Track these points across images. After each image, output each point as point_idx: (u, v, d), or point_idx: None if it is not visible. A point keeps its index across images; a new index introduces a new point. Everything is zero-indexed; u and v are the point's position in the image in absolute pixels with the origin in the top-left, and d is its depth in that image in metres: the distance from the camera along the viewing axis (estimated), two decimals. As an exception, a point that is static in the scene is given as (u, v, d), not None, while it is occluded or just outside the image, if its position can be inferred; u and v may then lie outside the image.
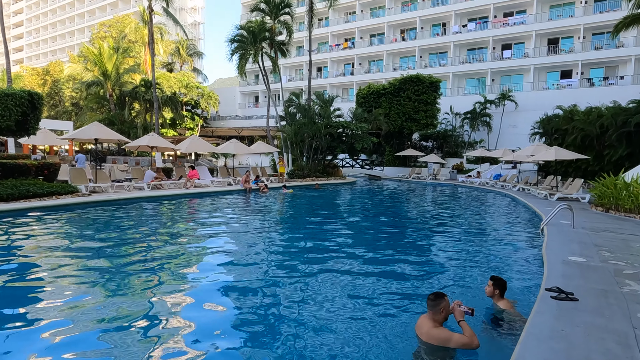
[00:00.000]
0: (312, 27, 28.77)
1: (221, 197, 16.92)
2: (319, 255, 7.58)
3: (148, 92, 31.82)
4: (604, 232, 9.07)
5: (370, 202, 17.68)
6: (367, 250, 7.97)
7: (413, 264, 6.92)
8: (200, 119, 51.80)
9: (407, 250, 8.18)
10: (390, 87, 34.52)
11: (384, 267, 6.71)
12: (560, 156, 17.03)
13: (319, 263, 6.86)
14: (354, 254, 7.58)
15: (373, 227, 11.07)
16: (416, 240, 9.38)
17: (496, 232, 10.37)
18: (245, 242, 8.50)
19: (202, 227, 10.18)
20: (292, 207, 14.84)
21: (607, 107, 23.46)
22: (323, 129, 24.69)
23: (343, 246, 8.33)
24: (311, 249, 8.09)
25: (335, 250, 7.94)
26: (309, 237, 9.42)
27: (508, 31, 40.88)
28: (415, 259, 7.35)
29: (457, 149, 39.37)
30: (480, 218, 12.78)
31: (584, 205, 15.04)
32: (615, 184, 12.49)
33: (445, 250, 8.27)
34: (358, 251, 7.88)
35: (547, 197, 16.94)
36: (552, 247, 7.17)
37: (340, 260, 7.04)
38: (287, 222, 11.41)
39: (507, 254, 7.78)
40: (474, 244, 8.76)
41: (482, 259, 7.39)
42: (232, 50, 26.60)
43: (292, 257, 7.36)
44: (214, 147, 20.10)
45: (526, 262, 7.11)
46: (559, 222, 10.31)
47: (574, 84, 38.00)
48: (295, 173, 24.88)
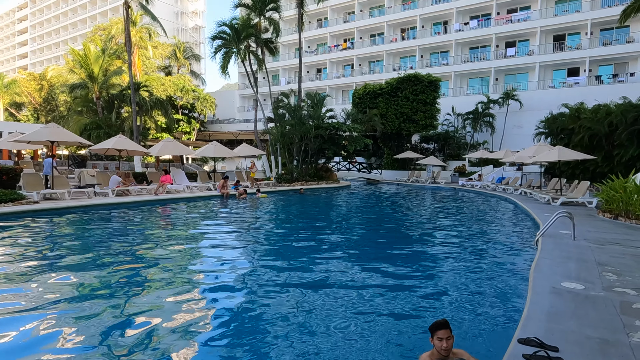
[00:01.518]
0: (302, 24, 27.52)
1: (193, 203, 15.63)
2: (273, 272, 6.20)
3: (136, 94, 30.75)
4: (610, 245, 7.56)
5: (351, 208, 16.24)
6: (322, 267, 6.58)
7: (375, 287, 5.51)
8: (197, 123, 50.80)
9: (376, 267, 6.76)
10: (388, 87, 33.10)
11: (339, 286, 5.32)
12: (564, 157, 15.48)
13: (268, 285, 5.49)
14: (305, 268, 6.20)
15: (341, 239, 9.67)
16: (386, 256, 7.95)
17: (484, 245, 8.90)
18: (186, 257, 7.15)
19: (139, 239, 8.86)
20: (260, 216, 13.48)
21: (616, 105, 21.85)
22: (312, 130, 23.33)
23: (293, 263, 6.95)
24: (265, 265, 6.73)
25: (283, 268, 6.56)
26: (267, 251, 8.06)
27: (512, 28, 39.26)
28: (379, 281, 5.94)
29: (459, 151, 37.76)
30: (471, 228, 11.30)
31: (590, 210, 13.48)
32: (625, 187, 10.95)
33: (412, 270, 6.83)
34: (310, 265, 6.50)
35: (550, 202, 15.39)
36: (543, 268, 5.71)
37: (299, 275, 5.67)
38: (239, 235, 10.05)
39: (485, 277, 6.22)
40: (452, 262, 7.28)
41: (452, 284, 5.93)
42: (214, 48, 25.46)
43: (236, 272, 6.00)
44: (189, 150, 18.86)
45: (505, 291, 5.51)
46: (557, 233, 8.82)
47: (582, 81, 36.26)
48: (282, 177, 23.53)
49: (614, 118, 20.45)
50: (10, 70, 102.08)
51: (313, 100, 24.99)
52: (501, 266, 6.85)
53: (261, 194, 17.83)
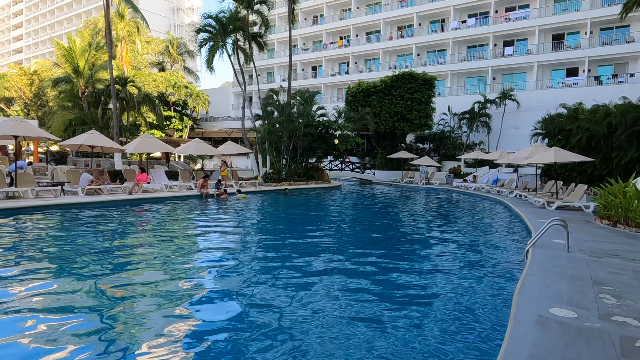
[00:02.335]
0: (293, 19, 26.66)
1: (168, 203, 14.80)
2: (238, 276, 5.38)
3: (123, 89, 29.88)
4: (608, 258, 6.75)
5: (331, 212, 15.41)
6: (282, 278, 5.76)
7: (324, 312, 4.69)
8: (190, 120, 49.89)
9: (341, 281, 5.95)
10: (382, 85, 32.26)
11: (296, 292, 4.50)
12: (560, 158, 14.69)
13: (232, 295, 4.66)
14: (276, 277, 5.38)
15: (312, 242, 8.85)
16: (354, 267, 7.12)
17: (467, 257, 8.07)
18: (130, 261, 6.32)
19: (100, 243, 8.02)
20: (232, 219, 12.66)
21: (615, 105, 21.05)
22: (301, 128, 22.48)
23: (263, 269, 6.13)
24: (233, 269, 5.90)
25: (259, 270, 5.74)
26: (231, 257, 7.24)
27: (510, 27, 38.49)
28: (345, 299, 5.12)
29: (454, 151, 36.97)
30: (456, 235, 10.49)
31: (587, 216, 12.69)
32: (624, 191, 10.16)
33: (380, 291, 6.01)
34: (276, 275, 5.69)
35: (545, 206, 14.60)
36: (530, 289, 4.89)
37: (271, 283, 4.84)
38: (203, 239, 9.22)
39: (460, 302, 5.30)
40: (425, 280, 6.39)
41: (422, 310, 5.10)
42: (200, 42, 24.53)
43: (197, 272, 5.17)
44: (169, 147, 18.02)
45: (480, 322, 4.52)
46: (550, 242, 8.02)
47: (581, 82, 35.50)
48: (269, 176, 22.68)
49: (613, 119, 19.65)
50: (5, 65, 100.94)
51: (303, 97, 24.13)
52: (482, 286, 5.96)
53: (241, 194, 17.01)
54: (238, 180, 21.01)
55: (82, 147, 17.50)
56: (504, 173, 28.07)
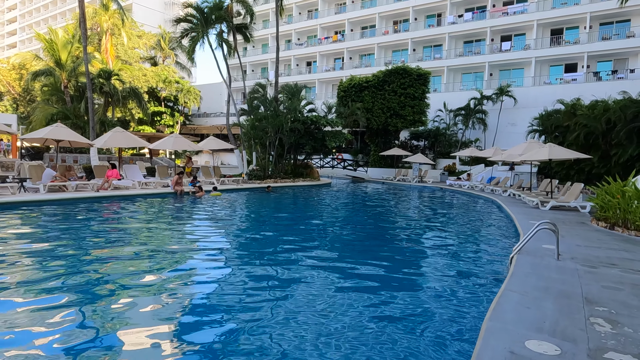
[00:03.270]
0: (281, 9, 25.64)
1: (139, 201, 13.90)
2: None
3: (107, 83, 28.91)
4: (604, 268, 5.85)
5: (309, 211, 14.53)
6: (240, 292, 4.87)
7: (267, 329, 3.80)
8: (181, 116, 48.93)
9: (291, 289, 5.05)
10: (374, 80, 31.30)
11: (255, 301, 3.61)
12: (555, 155, 13.78)
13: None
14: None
15: (280, 246, 7.96)
16: (314, 275, 6.23)
17: (441, 266, 7.17)
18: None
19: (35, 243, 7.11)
20: (199, 218, 11.77)
21: (614, 100, 20.15)
22: (287, 124, 21.54)
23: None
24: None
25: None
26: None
27: (507, 21, 37.49)
28: (293, 309, 4.23)
29: (450, 148, 36.04)
30: (437, 240, 9.59)
31: (582, 217, 11.80)
32: (622, 191, 9.26)
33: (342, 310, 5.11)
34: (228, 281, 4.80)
35: (539, 206, 13.70)
36: (505, 311, 3.99)
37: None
38: (160, 240, 8.34)
39: (415, 331, 4.39)
40: (383, 298, 5.48)
41: (370, 343, 4.18)
42: (181, 32, 23.55)
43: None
44: (142, 142, 17.08)
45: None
46: (539, 248, 7.12)
47: (579, 78, 34.53)
48: (254, 173, 21.75)
49: (612, 115, 18.76)
50: None
51: (290, 91, 23.18)
52: (450, 306, 4.98)
53: (215, 191, 16.10)
54: (219, 177, 20.09)
55: (49, 142, 16.57)
56: (499, 171, 27.20)
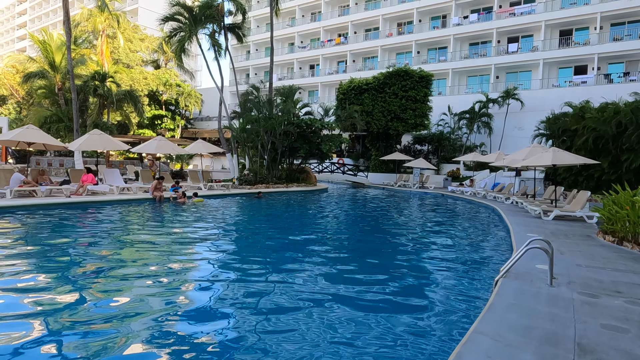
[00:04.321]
0: (277, 10, 24.86)
1: (114, 207, 13.10)
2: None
3: (102, 86, 28.36)
4: (606, 298, 4.81)
5: (296, 219, 13.60)
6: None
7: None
8: (182, 120, 48.42)
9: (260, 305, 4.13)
10: (374, 82, 30.34)
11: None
12: (559, 160, 12.68)
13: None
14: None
15: (255, 260, 7.04)
16: (277, 291, 5.29)
17: (417, 290, 6.17)
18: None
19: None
20: (176, 227, 10.90)
21: (625, 103, 18.94)
22: (279, 127, 20.66)
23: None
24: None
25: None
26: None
27: (514, 22, 36.34)
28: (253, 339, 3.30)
29: (454, 153, 34.88)
30: (420, 256, 8.59)
31: (589, 228, 10.68)
32: (632, 201, 8.18)
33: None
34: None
35: (541, 216, 12.60)
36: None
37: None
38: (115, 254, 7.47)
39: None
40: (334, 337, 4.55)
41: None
42: (169, 32, 22.85)
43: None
44: (121, 145, 16.30)
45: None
46: (531, 269, 6.09)
47: (590, 80, 33.24)
48: (245, 178, 20.88)
49: (623, 117, 17.57)
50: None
51: (283, 93, 22.32)
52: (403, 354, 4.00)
53: (197, 198, 15.25)
54: (208, 182, 19.24)
55: (32, 145, 15.88)
56: (504, 177, 26.01)
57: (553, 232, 9.91)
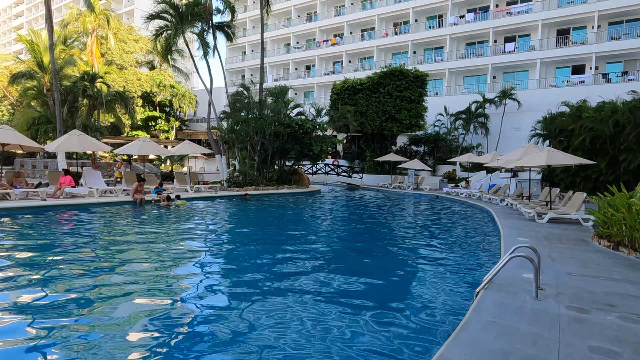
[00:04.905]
0: (268, 8, 24.39)
1: (91, 211, 12.59)
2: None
3: (91, 86, 27.86)
4: (598, 313, 4.30)
5: (281, 223, 13.11)
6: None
7: None
8: (177, 121, 47.91)
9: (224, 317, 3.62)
10: (369, 82, 29.86)
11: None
12: (554, 161, 12.17)
13: None
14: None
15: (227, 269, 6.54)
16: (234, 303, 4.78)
17: (390, 304, 5.67)
18: None
19: None
20: (152, 232, 10.40)
21: (623, 102, 18.46)
22: (269, 127, 20.17)
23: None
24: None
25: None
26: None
27: (511, 21, 35.89)
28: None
29: (450, 154, 34.37)
30: (404, 262, 8.08)
31: (585, 232, 10.18)
32: (628, 203, 7.67)
33: None
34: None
35: (535, 218, 12.09)
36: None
37: None
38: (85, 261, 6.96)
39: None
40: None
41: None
42: (155, 31, 22.36)
43: None
44: (101, 146, 15.79)
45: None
46: (517, 278, 5.57)
47: (587, 80, 32.76)
48: (234, 180, 20.36)
49: (621, 117, 17.09)
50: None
51: (273, 93, 21.81)
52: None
53: (180, 200, 14.73)
54: (195, 184, 18.73)
55: (11, 147, 15.36)
56: (501, 178, 25.52)
57: (546, 236, 9.40)
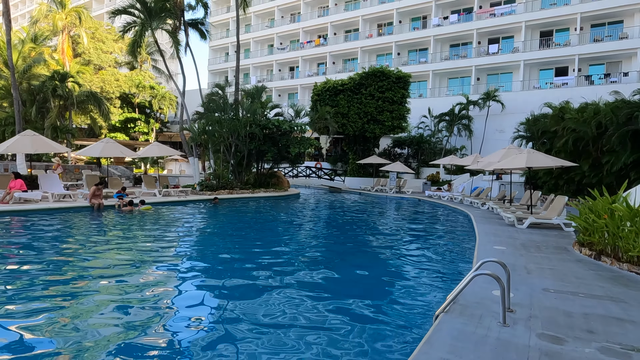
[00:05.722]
0: (245, 5, 23.59)
1: (38, 217, 11.60)
2: None
3: (61, 86, 26.69)
4: (575, 342, 3.57)
5: (244, 229, 12.29)
6: None
7: None
8: (157, 123, 46.69)
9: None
10: (350, 83, 29.20)
11: None
12: (534, 163, 11.57)
13: None
14: None
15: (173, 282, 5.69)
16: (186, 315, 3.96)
17: (334, 331, 4.91)
18: None
19: None
20: (99, 241, 9.50)
21: (606, 103, 18.05)
22: (242, 128, 19.31)
23: None
24: None
25: None
26: None
27: (495, 23, 35.63)
28: None
29: (434, 157, 33.87)
30: (365, 277, 7.33)
31: (566, 238, 9.56)
32: (610, 208, 7.03)
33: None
34: None
35: (515, 224, 11.46)
36: None
37: None
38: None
39: None
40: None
41: None
42: (123, 27, 21.40)
43: None
44: (57, 147, 14.75)
45: None
46: (485, 297, 4.85)
47: (570, 82, 32.59)
48: (206, 183, 19.45)
49: (603, 118, 16.61)
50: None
51: (250, 93, 20.98)
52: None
53: (144, 205, 13.81)
54: (163, 188, 17.78)
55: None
56: (484, 181, 25.02)
57: (524, 243, 8.75)
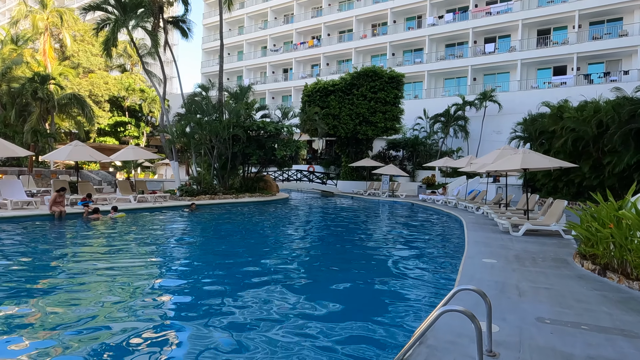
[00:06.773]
0: (230, 3, 22.69)
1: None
2: None
3: (42, 88, 25.77)
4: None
5: (221, 238, 11.29)
6: None
7: None
8: (147, 127, 45.74)
9: None
10: (341, 83, 28.26)
11: None
12: (530, 164, 10.58)
13: None
14: None
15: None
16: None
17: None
18: None
19: None
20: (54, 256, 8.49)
21: (606, 101, 17.10)
22: (224, 130, 18.34)
23: None
24: None
25: None
26: None
27: (491, 21, 34.76)
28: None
29: (430, 159, 32.89)
30: (333, 301, 6.32)
31: (565, 247, 8.53)
32: (617, 216, 6.02)
33: None
34: None
35: (509, 230, 10.44)
36: None
37: None
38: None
39: None
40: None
41: None
42: (97, 24, 20.45)
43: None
44: (19, 150, 13.78)
45: None
46: (463, 334, 3.84)
47: (569, 81, 31.66)
48: (186, 188, 18.45)
49: (604, 116, 15.66)
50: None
51: (234, 94, 20.03)
52: None
53: (117, 213, 12.80)
54: (138, 193, 16.76)
55: None
56: (481, 183, 24.02)
57: (518, 254, 7.73)
